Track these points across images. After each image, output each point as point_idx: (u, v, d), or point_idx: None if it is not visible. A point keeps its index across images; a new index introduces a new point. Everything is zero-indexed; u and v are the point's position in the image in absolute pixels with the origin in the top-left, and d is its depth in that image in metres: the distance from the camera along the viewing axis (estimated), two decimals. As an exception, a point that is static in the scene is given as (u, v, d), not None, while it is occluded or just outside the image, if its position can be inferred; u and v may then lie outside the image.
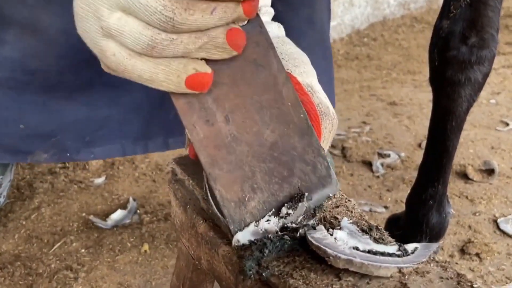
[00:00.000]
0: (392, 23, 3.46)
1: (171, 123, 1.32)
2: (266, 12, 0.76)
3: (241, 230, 0.59)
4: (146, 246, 1.55)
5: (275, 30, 0.74)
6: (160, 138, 1.34)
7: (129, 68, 0.52)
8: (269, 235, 0.57)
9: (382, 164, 1.91)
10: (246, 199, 0.59)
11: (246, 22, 0.55)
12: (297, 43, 1.39)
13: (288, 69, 0.68)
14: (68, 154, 1.27)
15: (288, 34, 1.37)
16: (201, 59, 0.54)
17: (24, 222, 1.65)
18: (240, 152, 0.59)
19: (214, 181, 0.58)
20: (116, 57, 0.52)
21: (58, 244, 1.56)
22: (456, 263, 1.44)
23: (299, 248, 0.57)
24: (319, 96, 0.69)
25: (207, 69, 0.54)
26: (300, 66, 0.69)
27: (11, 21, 1.09)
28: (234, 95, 0.58)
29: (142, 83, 0.54)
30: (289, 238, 0.57)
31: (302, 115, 0.61)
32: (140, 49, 0.51)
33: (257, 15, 0.56)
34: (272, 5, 1.31)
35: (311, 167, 0.61)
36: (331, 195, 0.63)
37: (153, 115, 1.31)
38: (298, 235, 0.57)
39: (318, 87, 0.70)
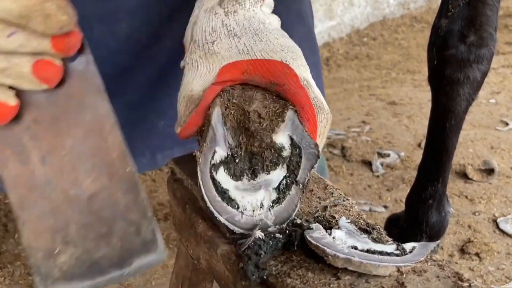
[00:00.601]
0: (391, 23, 3.46)
1: (158, 137, 1.22)
2: (269, 5, 0.76)
3: (46, 285, 0.52)
4: (146, 246, 1.55)
5: (275, 23, 0.75)
6: (147, 155, 1.25)
7: None
8: (261, 236, 0.57)
9: (381, 164, 1.91)
10: (56, 252, 0.53)
11: (73, 56, 0.52)
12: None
13: (286, 61, 0.68)
14: None
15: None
16: (12, 88, 0.50)
17: (24, 222, 1.65)
18: (54, 199, 0.53)
19: (22, 225, 0.53)
20: None
21: (58, 243, 1.57)
22: (456, 263, 1.44)
23: (296, 248, 0.57)
24: (314, 90, 0.70)
25: (10, 101, 0.50)
26: (297, 59, 0.70)
27: None
28: (53, 135, 0.53)
29: None
30: (281, 236, 0.57)
31: (128, 169, 0.55)
32: None
33: (87, 51, 0.53)
34: None
35: (134, 228, 0.54)
36: (156, 262, 0.56)
37: (135, 134, 1.20)
38: (289, 231, 0.57)
39: (313, 82, 0.71)
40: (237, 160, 0.65)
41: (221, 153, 0.64)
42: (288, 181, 0.65)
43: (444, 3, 1.09)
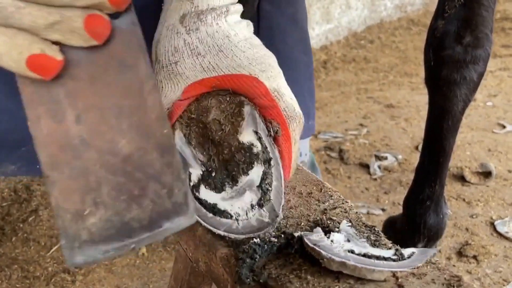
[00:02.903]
0: (389, 26, 3.47)
1: None
2: (235, 11, 0.74)
3: (72, 248, 0.51)
4: (143, 249, 1.55)
5: (244, 30, 0.72)
6: None
7: None
8: (256, 240, 0.57)
9: (379, 167, 1.91)
10: (85, 213, 0.52)
11: (117, 14, 0.51)
12: (284, 41, 1.41)
13: (255, 74, 0.67)
14: (38, 166, 1.20)
15: (274, 33, 1.39)
16: (57, 43, 0.49)
17: (21, 225, 1.65)
18: (87, 159, 0.52)
19: (52, 185, 0.52)
20: None
21: (56, 247, 1.56)
22: (454, 266, 1.44)
23: (294, 251, 0.57)
24: (286, 99, 0.69)
25: (57, 55, 0.49)
26: (267, 70, 0.68)
27: None
28: (91, 93, 0.51)
29: None
30: (276, 240, 0.57)
31: (166, 131, 0.54)
32: None
33: (131, 10, 0.51)
34: (260, 5, 1.33)
35: (167, 190, 0.53)
36: (185, 225, 0.55)
37: None
38: (285, 234, 0.57)
39: (284, 90, 0.70)
40: (213, 174, 0.65)
41: (196, 172, 0.64)
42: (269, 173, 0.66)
43: (440, 4, 1.10)
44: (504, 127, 2.19)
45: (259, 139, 0.65)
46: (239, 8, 0.74)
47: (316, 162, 1.76)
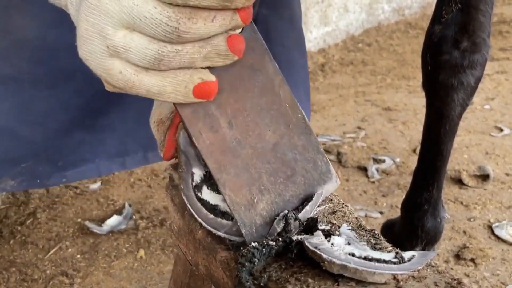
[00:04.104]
0: (386, 29, 3.47)
1: (150, 137, 1.24)
2: None
3: (251, 234, 0.60)
4: (141, 252, 1.55)
5: None
6: (139, 153, 1.31)
7: (137, 84, 0.53)
8: (254, 244, 0.57)
9: (377, 170, 1.92)
10: (255, 202, 0.60)
11: (241, 29, 0.57)
12: (281, 44, 1.42)
13: None
14: (38, 181, 1.21)
15: (271, 36, 1.39)
16: (205, 68, 0.56)
17: (19, 228, 1.65)
18: (245, 155, 0.60)
19: (223, 186, 0.59)
20: (123, 75, 0.53)
21: (54, 249, 1.56)
22: (452, 269, 1.45)
23: (293, 255, 0.57)
24: None
25: (212, 78, 0.55)
26: None
27: None
28: (234, 100, 0.59)
29: (150, 97, 0.55)
30: (274, 243, 0.57)
31: (299, 115, 0.63)
32: (147, 64, 0.52)
33: (251, 22, 0.58)
34: (258, 10, 1.33)
35: (312, 164, 0.63)
36: (332, 190, 0.65)
37: (129, 132, 1.27)
38: (283, 238, 0.58)
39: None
40: None
41: (199, 173, 0.65)
42: None
43: (438, 9, 1.10)
44: (501, 130, 2.19)
45: None
46: None
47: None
